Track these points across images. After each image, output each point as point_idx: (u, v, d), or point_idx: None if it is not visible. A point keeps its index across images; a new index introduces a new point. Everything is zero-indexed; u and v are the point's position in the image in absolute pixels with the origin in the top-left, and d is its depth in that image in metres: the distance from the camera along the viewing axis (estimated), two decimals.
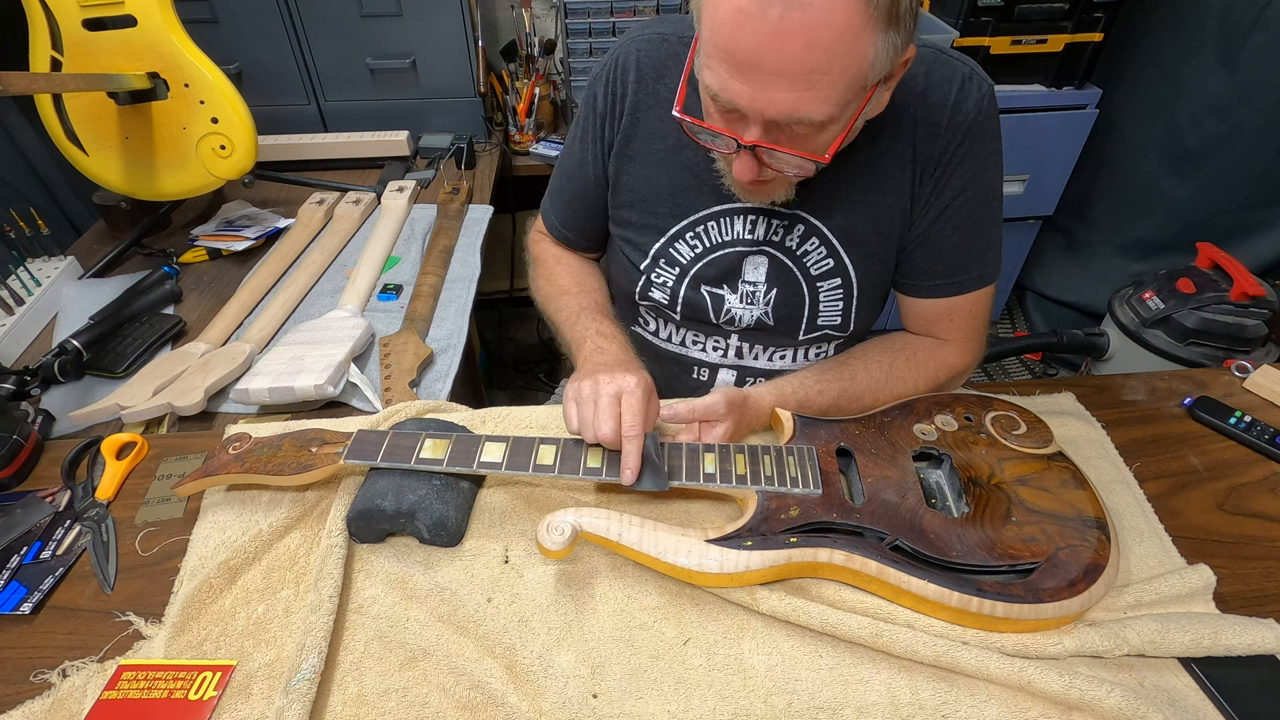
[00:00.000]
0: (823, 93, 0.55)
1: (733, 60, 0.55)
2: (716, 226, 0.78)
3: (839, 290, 0.79)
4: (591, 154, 0.83)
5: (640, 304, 0.87)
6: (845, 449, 0.68)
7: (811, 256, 0.77)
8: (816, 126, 0.58)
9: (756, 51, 0.53)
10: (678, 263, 0.80)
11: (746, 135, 0.60)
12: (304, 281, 1.18)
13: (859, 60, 0.54)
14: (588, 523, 0.61)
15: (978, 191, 0.72)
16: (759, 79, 0.55)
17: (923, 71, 0.69)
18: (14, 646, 0.62)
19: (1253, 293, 1.50)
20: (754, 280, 0.79)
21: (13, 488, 0.77)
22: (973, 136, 0.70)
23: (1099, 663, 0.57)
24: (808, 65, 0.53)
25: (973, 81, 0.69)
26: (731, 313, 0.82)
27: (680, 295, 0.82)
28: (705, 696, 0.56)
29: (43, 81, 1.13)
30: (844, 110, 0.57)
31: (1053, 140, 1.78)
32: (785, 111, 0.56)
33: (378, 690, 0.57)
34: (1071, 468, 0.66)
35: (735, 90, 0.57)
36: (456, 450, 0.67)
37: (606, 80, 0.79)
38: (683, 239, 0.79)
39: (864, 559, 0.58)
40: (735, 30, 0.54)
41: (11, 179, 1.39)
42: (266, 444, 0.71)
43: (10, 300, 1.09)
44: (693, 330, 0.86)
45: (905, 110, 0.69)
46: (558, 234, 0.92)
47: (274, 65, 1.62)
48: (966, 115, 0.69)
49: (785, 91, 0.55)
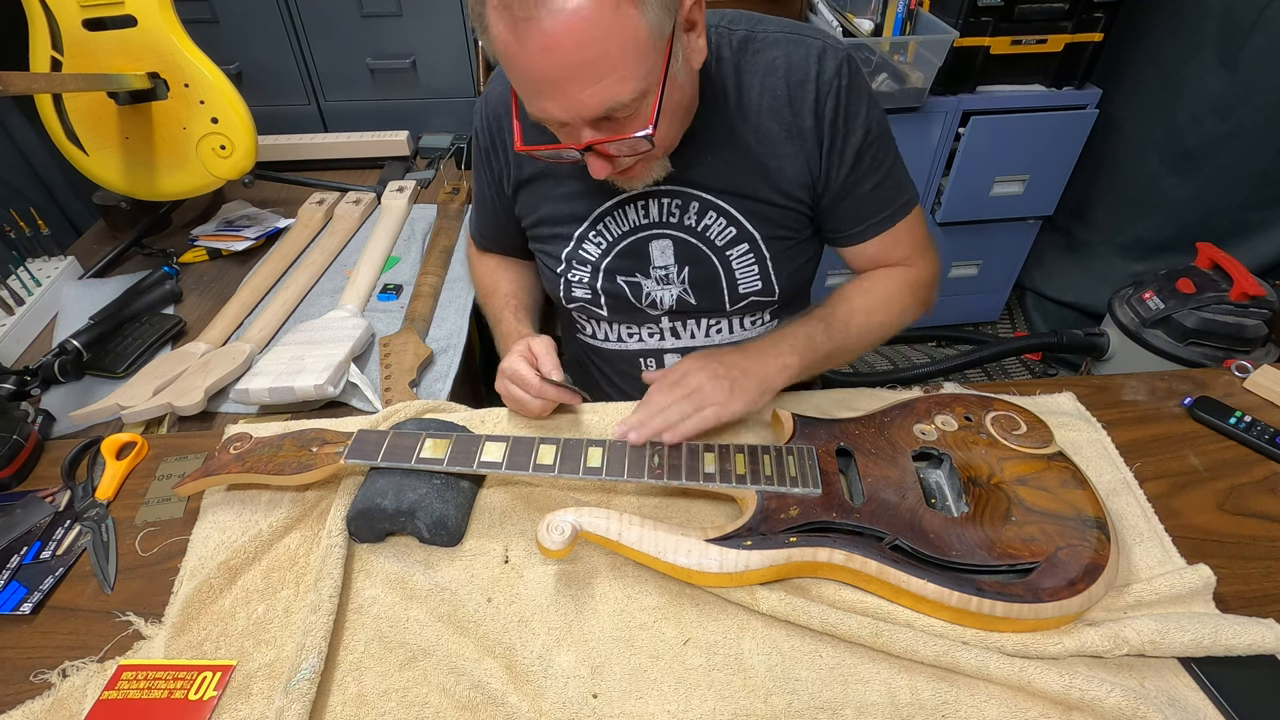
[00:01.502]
0: (617, 74, 0.58)
1: (529, 86, 0.60)
2: (614, 220, 0.82)
3: (749, 255, 0.81)
4: (488, 182, 0.89)
5: (569, 308, 0.91)
6: (845, 449, 0.68)
7: (713, 229, 0.80)
8: (633, 105, 0.61)
9: (539, 70, 0.58)
10: (588, 261, 0.84)
11: (581, 139, 0.63)
12: (304, 281, 1.18)
13: (632, 31, 0.57)
14: (588, 522, 0.61)
15: (874, 138, 0.77)
16: (557, 90, 0.59)
17: (781, 55, 0.74)
18: (14, 646, 0.62)
19: (1253, 293, 1.50)
20: (664, 264, 0.83)
21: (13, 488, 0.77)
22: (847, 97, 0.74)
23: (1099, 663, 0.57)
24: (587, 59, 0.57)
25: (828, 52, 0.74)
26: (651, 296, 0.85)
27: (598, 289, 0.85)
28: (705, 696, 0.56)
29: (43, 81, 1.13)
30: (649, 79, 0.60)
31: (1053, 140, 1.78)
32: (596, 106, 0.60)
33: (378, 690, 0.57)
34: (1071, 467, 0.66)
35: (547, 108, 0.61)
36: (457, 450, 0.67)
37: (481, 118, 0.85)
38: (587, 239, 0.83)
39: (864, 558, 0.58)
40: (514, 61, 0.58)
41: (11, 179, 1.39)
42: (267, 444, 0.71)
43: (10, 300, 1.09)
44: (624, 322, 0.89)
45: (777, 91, 0.74)
46: (482, 246, 1.01)
47: (274, 65, 1.62)
48: (832, 83, 0.73)
49: (585, 89, 0.59)
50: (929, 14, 1.66)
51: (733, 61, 0.74)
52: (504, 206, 0.90)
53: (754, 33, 0.75)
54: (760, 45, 0.74)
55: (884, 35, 1.66)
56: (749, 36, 0.75)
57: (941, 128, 1.76)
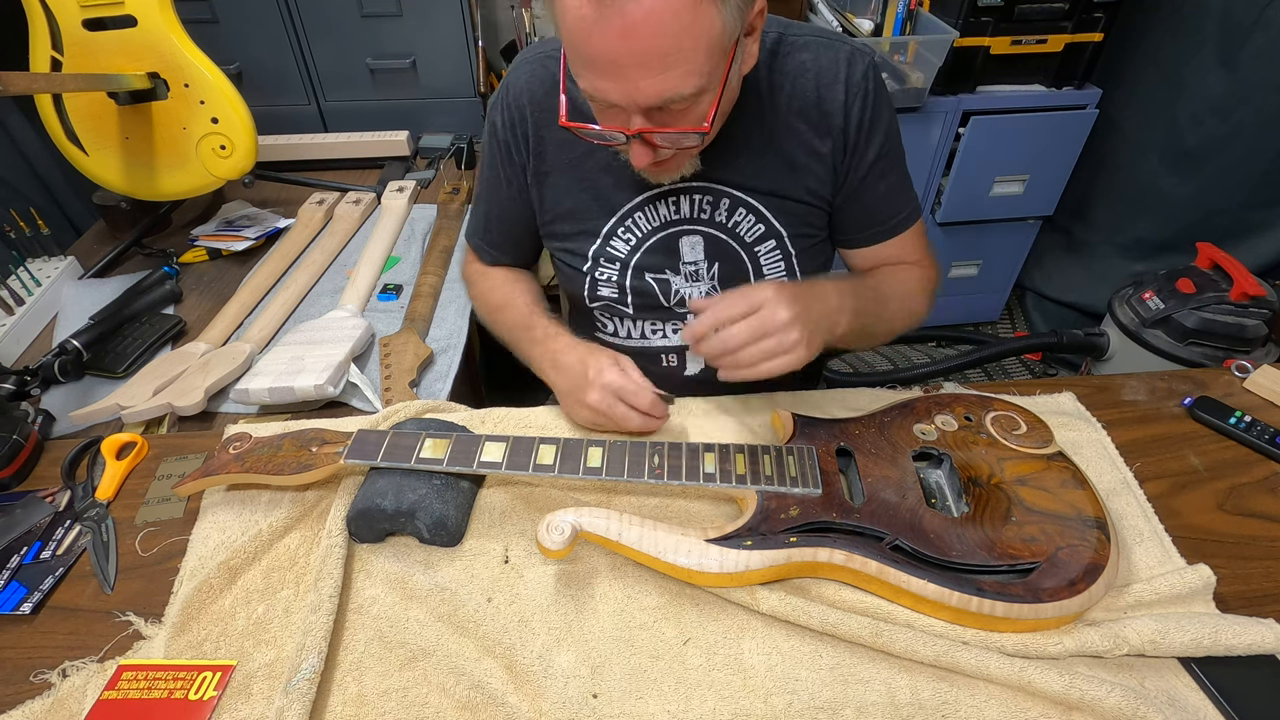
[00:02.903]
0: (684, 68, 0.58)
1: (593, 64, 0.59)
2: (644, 215, 0.81)
3: (776, 251, 0.82)
4: (505, 178, 0.86)
5: (593, 307, 0.89)
6: (845, 449, 0.68)
7: (742, 226, 0.81)
8: (690, 100, 0.61)
9: (610, 51, 0.57)
10: (616, 258, 0.83)
11: (631, 126, 0.63)
12: (304, 281, 1.18)
13: (707, 29, 0.57)
14: (588, 522, 0.61)
15: (891, 144, 0.79)
16: (622, 74, 0.58)
17: (810, 58, 0.75)
18: (14, 646, 0.62)
19: (1253, 293, 1.50)
20: (694, 260, 0.83)
21: (13, 488, 0.77)
22: (872, 101, 0.76)
23: (1099, 663, 0.57)
24: (660, 50, 0.56)
25: (856, 56, 0.76)
26: (680, 293, 0.84)
27: (627, 287, 0.84)
28: (705, 696, 0.56)
29: (43, 81, 1.13)
30: (711, 77, 0.60)
31: (1053, 140, 1.78)
32: (656, 96, 0.59)
33: (378, 690, 0.57)
34: (1071, 467, 0.66)
35: (605, 89, 0.60)
36: (456, 450, 0.67)
37: (502, 109, 0.82)
38: (616, 235, 0.82)
39: (864, 559, 0.58)
40: (585, 37, 0.57)
41: (11, 179, 1.39)
42: (267, 444, 0.71)
43: (10, 300, 1.09)
44: (648, 319, 0.88)
45: (807, 93, 0.76)
46: (491, 259, 0.94)
47: (274, 65, 1.62)
48: (860, 86, 0.75)
49: (650, 78, 0.58)
50: (929, 14, 1.66)
51: (766, 63, 0.75)
52: (525, 203, 0.87)
53: (785, 35, 0.76)
54: (791, 48, 0.75)
55: (884, 35, 1.66)
56: (780, 39, 0.76)
57: (941, 128, 1.76)
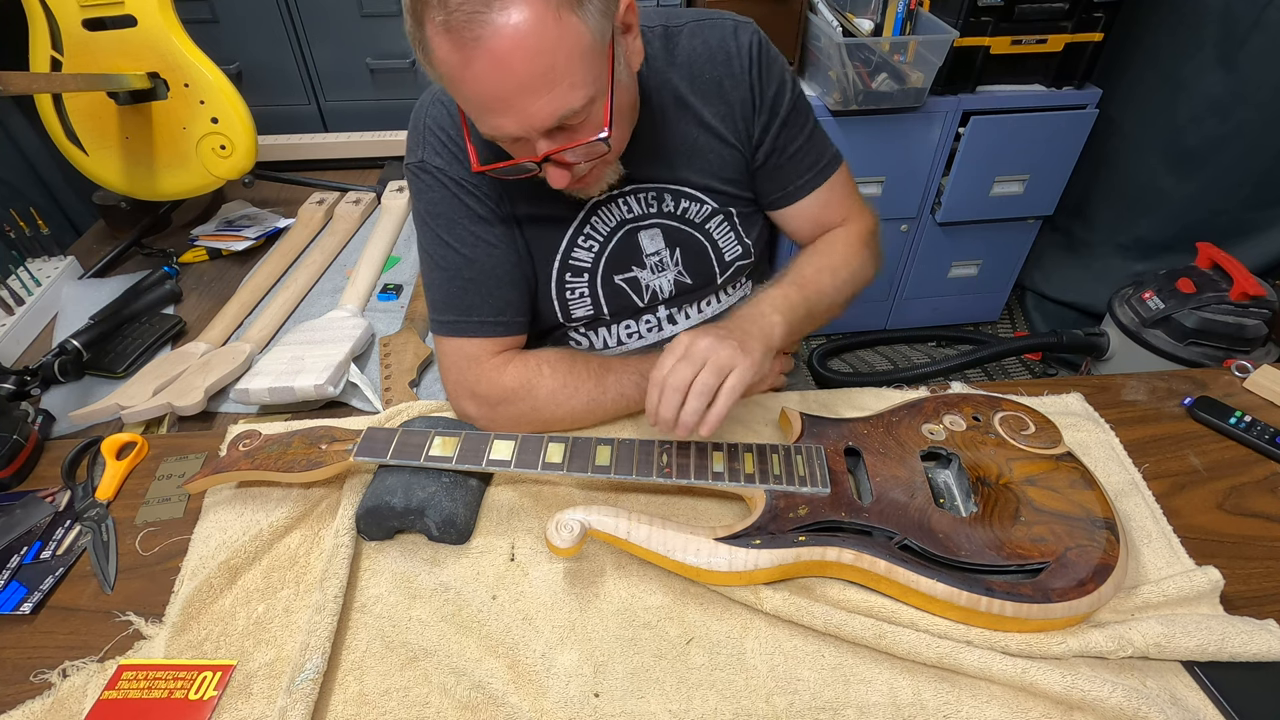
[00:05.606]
0: (566, 82, 0.58)
1: (482, 104, 0.60)
2: (599, 219, 0.81)
3: (725, 224, 0.85)
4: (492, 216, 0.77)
5: (568, 328, 0.87)
6: (853, 448, 0.68)
7: (690, 210, 0.83)
8: (584, 110, 0.61)
9: (491, 88, 0.57)
10: (583, 269, 0.82)
11: (538, 151, 0.63)
12: (304, 281, 1.17)
13: (575, 39, 0.57)
14: (597, 521, 0.61)
15: (796, 98, 0.81)
16: (510, 106, 0.59)
17: (699, 41, 0.77)
18: (14, 646, 0.62)
19: (1253, 293, 1.50)
20: (656, 249, 0.83)
21: (13, 488, 0.77)
22: (763, 64, 0.78)
23: (1101, 663, 0.56)
24: (537, 71, 0.57)
25: (739, 27, 0.78)
26: (651, 287, 0.85)
27: (600, 296, 0.84)
28: (707, 696, 0.55)
29: (43, 81, 1.13)
30: (597, 84, 0.61)
31: (1053, 140, 1.78)
32: (550, 116, 0.60)
33: (379, 690, 0.57)
34: (1080, 468, 0.66)
35: (501, 124, 0.61)
36: (466, 448, 0.67)
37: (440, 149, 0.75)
38: (576, 245, 0.82)
39: (873, 558, 0.58)
40: (463, 82, 0.58)
41: (11, 179, 1.38)
42: (276, 441, 0.71)
43: (10, 300, 1.09)
44: (623, 322, 0.88)
45: (706, 74, 0.77)
46: (505, 330, 0.79)
47: (274, 65, 1.62)
48: (751, 52, 0.77)
49: (537, 101, 0.58)
50: (929, 14, 1.66)
51: (660, 56, 0.76)
52: (508, 242, 0.78)
53: (669, 26, 0.77)
54: (678, 35, 0.77)
55: (884, 35, 1.66)
56: (666, 30, 0.77)
57: (941, 128, 1.75)
